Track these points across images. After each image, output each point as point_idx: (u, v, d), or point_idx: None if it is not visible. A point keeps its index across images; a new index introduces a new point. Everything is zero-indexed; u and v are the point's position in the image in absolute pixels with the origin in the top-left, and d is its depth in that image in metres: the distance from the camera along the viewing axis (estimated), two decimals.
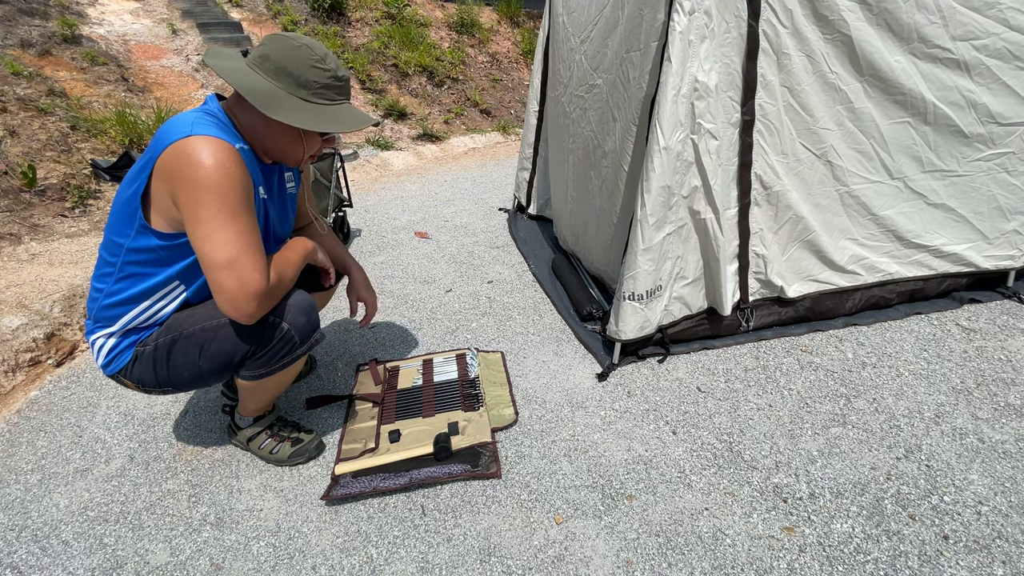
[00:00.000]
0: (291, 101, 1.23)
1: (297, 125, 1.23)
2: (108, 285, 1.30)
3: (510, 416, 1.72)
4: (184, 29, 5.82)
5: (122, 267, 1.27)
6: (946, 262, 2.22)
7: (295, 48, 1.24)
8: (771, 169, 1.88)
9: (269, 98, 1.21)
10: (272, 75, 1.23)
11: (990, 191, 2.12)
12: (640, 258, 1.78)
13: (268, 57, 1.24)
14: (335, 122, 1.28)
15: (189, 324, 1.32)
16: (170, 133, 1.16)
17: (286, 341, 1.32)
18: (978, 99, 1.93)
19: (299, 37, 1.26)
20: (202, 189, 1.13)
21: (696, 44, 1.59)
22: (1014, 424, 1.63)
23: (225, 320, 1.28)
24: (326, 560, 1.29)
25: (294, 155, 1.35)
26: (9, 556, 1.32)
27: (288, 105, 1.23)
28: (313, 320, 1.37)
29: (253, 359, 1.33)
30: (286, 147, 1.32)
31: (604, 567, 1.25)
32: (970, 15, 1.80)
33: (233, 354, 1.31)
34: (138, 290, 1.29)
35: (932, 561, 1.23)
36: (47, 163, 3.46)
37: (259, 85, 1.22)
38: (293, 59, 1.23)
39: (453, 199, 4.13)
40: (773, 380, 1.88)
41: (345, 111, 1.32)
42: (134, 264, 1.26)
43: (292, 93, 1.24)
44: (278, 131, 1.28)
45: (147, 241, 1.23)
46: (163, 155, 1.15)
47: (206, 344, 1.30)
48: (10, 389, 1.96)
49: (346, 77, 1.31)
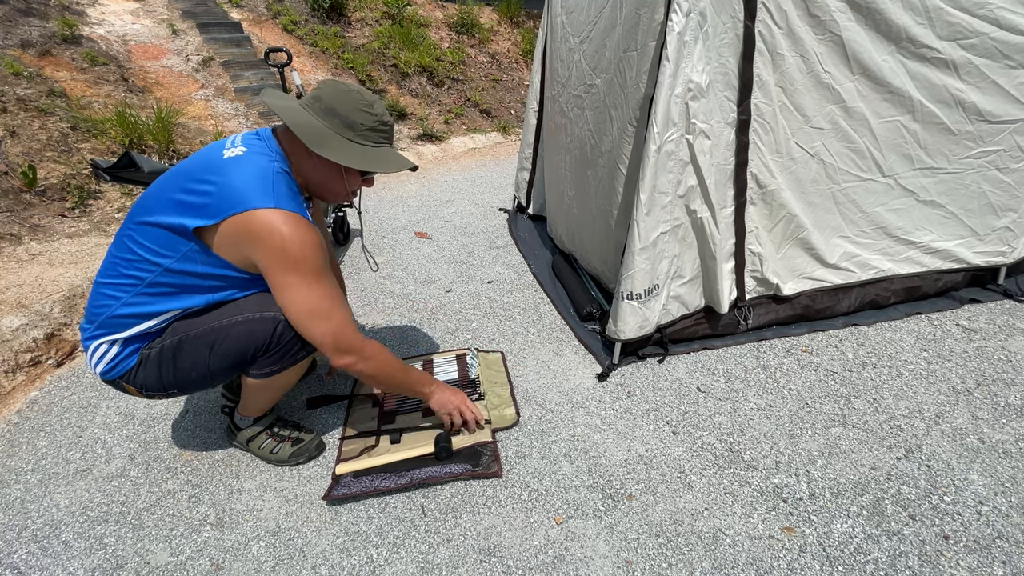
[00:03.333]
0: (338, 140, 1.32)
1: (341, 162, 1.31)
2: (128, 296, 1.28)
3: (511, 416, 1.72)
4: (184, 29, 5.82)
5: (152, 283, 1.27)
6: (937, 258, 2.23)
7: (346, 92, 1.33)
8: (766, 168, 1.89)
9: (318, 135, 1.30)
10: (321, 115, 1.32)
11: (980, 188, 2.13)
12: (637, 257, 1.79)
13: (320, 99, 1.33)
14: (377, 163, 1.36)
15: (196, 325, 1.32)
16: (246, 195, 1.20)
17: (297, 337, 1.34)
18: (966, 98, 1.94)
19: (350, 84, 1.37)
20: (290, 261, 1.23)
21: (691, 45, 1.60)
22: (1014, 424, 1.63)
23: (237, 318, 1.31)
24: (326, 560, 1.29)
25: (335, 191, 1.43)
26: (9, 556, 1.32)
27: (334, 143, 1.31)
28: None
29: (265, 356, 1.35)
30: (329, 183, 1.40)
31: (604, 567, 1.25)
32: (959, 15, 1.81)
33: (246, 351, 1.32)
34: (166, 307, 1.30)
35: (932, 561, 1.23)
36: (47, 163, 3.46)
37: (309, 123, 1.31)
38: (343, 102, 1.32)
39: (453, 199, 4.13)
40: (773, 380, 1.88)
41: (387, 153, 1.40)
42: (168, 285, 1.28)
43: (339, 133, 1.32)
44: (322, 167, 1.36)
45: (193, 266, 1.26)
46: (241, 219, 1.20)
47: (217, 343, 1.31)
48: (10, 389, 1.96)
49: (391, 123, 1.41)
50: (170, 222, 1.23)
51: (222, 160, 1.26)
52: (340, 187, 1.41)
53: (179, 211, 1.23)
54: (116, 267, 1.30)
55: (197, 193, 1.23)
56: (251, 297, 1.35)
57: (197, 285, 1.29)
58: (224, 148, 1.31)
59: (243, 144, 1.31)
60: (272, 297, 1.30)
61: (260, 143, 1.33)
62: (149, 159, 3.08)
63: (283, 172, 1.29)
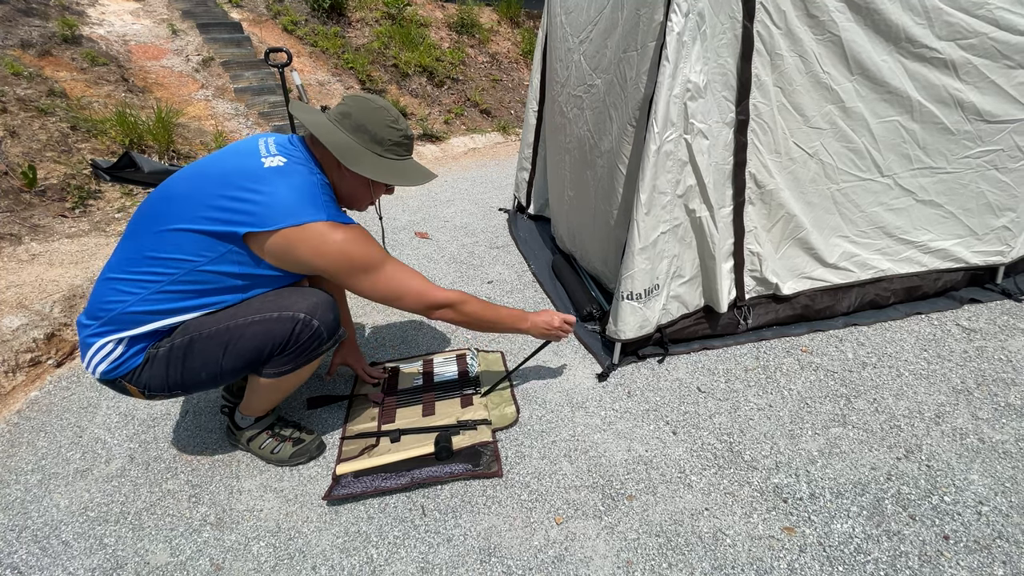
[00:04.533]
0: (368, 156, 1.40)
1: (374, 178, 1.40)
2: (146, 292, 1.27)
3: (512, 415, 1.72)
4: (184, 29, 5.82)
5: (177, 281, 1.27)
6: (935, 258, 2.23)
7: (374, 109, 1.41)
8: (765, 168, 1.89)
9: (352, 152, 1.38)
10: (351, 131, 1.40)
11: (979, 188, 2.13)
12: (637, 257, 1.79)
13: (349, 115, 1.40)
14: (404, 176, 1.46)
15: (209, 324, 1.32)
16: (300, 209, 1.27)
17: (315, 336, 1.37)
18: (965, 97, 1.94)
19: (376, 99, 1.44)
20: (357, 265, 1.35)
21: (689, 45, 1.61)
22: (1014, 424, 1.63)
23: (254, 317, 1.32)
24: (326, 560, 1.29)
25: (361, 199, 1.52)
26: (9, 556, 1.32)
27: (366, 160, 1.40)
28: (337, 316, 1.44)
29: (282, 355, 1.37)
30: (356, 194, 1.49)
31: (604, 567, 1.25)
32: (958, 15, 1.81)
33: (262, 350, 1.34)
34: (187, 304, 1.30)
35: (932, 561, 1.23)
36: (47, 163, 3.46)
37: (342, 140, 1.38)
38: (372, 119, 1.40)
39: (453, 199, 4.13)
40: (773, 380, 1.88)
41: (411, 166, 1.50)
42: (194, 283, 1.28)
43: (368, 148, 1.41)
44: (351, 179, 1.43)
45: (228, 267, 1.28)
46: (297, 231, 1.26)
47: (232, 342, 1.32)
48: (10, 389, 1.96)
49: (413, 137, 1.50)
50: (213, 229, 1.25)
51: (263, 170, 1.30)
52: (366, 196, 1.51)
53: (224, 217, 1.25)
54: (133, 263, 1.28)
55: (244, 201, 1.26)
56: (265, 296, 1.36)
57: (224, 285, 1.31)
58: (260, 156, 1.33)
59: (279, 153, 1.36)
60: (289, 295, 1.36)
61: (298, 153, 1.39)
62: (149, 159, 3.08)
63: (325, 184, 1.39)
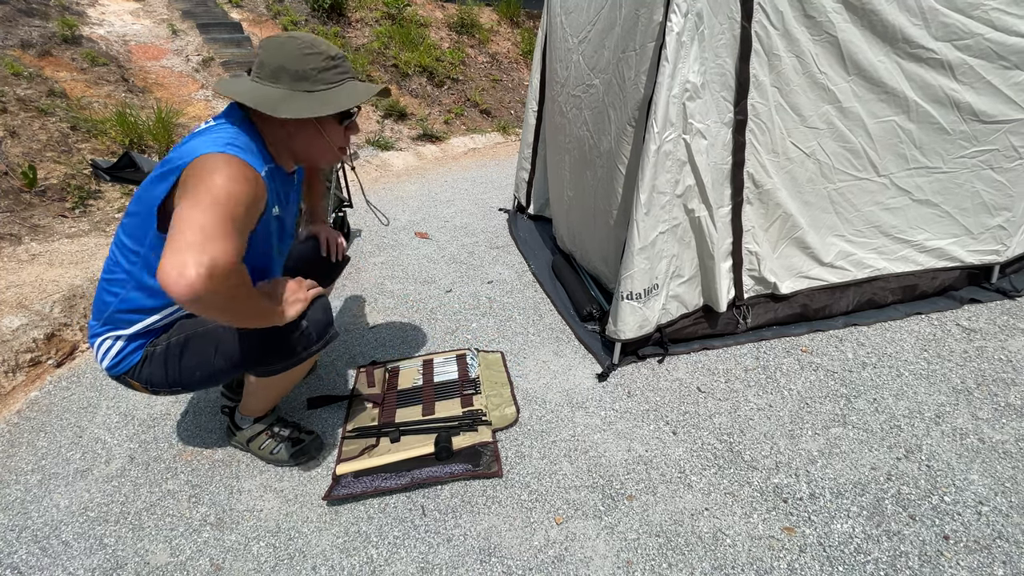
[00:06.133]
0: (295, 97, 1.24)
1: (303, 116, 1.23)
2: (124, 291, 1.28)
3: (512, 415, 1.72)
4: (184, 29, 5.82)
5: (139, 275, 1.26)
6: (931, 257, 2.24)
7: (282, 44, 1.25)
8: (762, 168, 1.90)
9: (269, 100, 1.22)
10: (271, 79, 1.25)
11: (974, 187, 2.14)
12: (636, 257, 1.79)
13: (264, 64, 1.26)
14: (340, 100, 1.27)
15: (204, 323, 1.32)
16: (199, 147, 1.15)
17: (303, 337, 1.34)
18: (961, 98, 1.95)
19: (285, 34, 1.28)
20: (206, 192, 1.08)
21: (688, 45, 1.61)
22: (1014, 424, 1.63)
23: None
24: (326, 560, 1.29)
25: (321, 150, 1.35)
26: (9, 556, 1.32)
27: (292, 101, 1.23)
28: (329, 317, 1.40)
29: (272, 354, 1.35)
30: (310, 145, 1.33)
31: (604, 567, 1.25)
32: (954, 16, 1.81)
33: (251, 350, 1.32)
34: (161, 302, 1.29)
35: (932, 561, 1.23)
36: (47, 163, 3.46)
37: (263, 92, 1.24)
38: (284, 55, 1.24)
39: (453, 199, 4.13)
40: (773, 380, 1.88)
41: (349, 88, 1.31)
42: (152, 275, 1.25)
43: (294, 90, 1.25)
44: (297, 133, 1.29)
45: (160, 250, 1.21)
46: (190, 166, 1.13)
47: (222, 341, 1.31)
48: (10, 389, 1.96)
49: (340, 55, 1.30)
50: (143, 204, 1.21)
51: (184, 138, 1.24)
52: (322, 144, 1.33)
53: (150, 192, 1.20)
54: (114, 265, 1.30)
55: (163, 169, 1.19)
56: None
57: None
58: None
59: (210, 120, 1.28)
60: None
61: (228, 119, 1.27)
62: (149, 159, 3.08)
63: (243, 133, 1.23)
